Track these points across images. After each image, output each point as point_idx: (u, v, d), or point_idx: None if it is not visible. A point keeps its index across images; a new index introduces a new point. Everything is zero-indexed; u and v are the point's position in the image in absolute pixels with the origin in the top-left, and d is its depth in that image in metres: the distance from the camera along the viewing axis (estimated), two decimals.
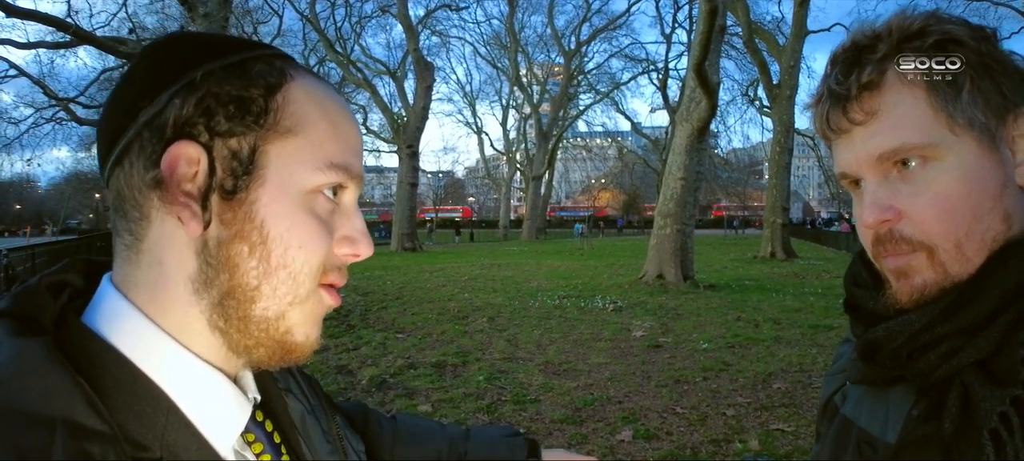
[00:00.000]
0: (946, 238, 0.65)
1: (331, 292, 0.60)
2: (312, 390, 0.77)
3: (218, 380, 0.56)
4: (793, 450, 4.27)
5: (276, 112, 0.56)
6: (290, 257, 0.55)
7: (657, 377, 6.13)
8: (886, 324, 0.69)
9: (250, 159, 0.55)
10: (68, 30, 13.94)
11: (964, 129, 0.65)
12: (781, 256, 22.04)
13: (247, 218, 0.54)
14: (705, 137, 13.93)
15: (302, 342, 0.58)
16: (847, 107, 0.69)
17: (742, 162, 65.50)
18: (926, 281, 0.67)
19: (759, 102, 37.31)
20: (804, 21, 23.32)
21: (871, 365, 0.73)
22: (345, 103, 0.63)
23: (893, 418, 0.73)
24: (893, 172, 0.68)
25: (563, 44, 43.78)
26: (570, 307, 10.65)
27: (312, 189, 0.57)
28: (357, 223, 0.61)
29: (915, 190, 0.66)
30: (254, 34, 31.03)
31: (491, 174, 60.60)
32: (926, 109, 0.65)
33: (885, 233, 0.69)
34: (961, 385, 0.64)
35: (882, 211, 0.67)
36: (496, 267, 19.12)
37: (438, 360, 6.83)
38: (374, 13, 34.97)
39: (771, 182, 23.91)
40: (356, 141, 0.62)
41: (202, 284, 0.54)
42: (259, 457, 0.60)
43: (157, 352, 0.53)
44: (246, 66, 0.56)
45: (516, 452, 0.97)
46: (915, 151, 0.65)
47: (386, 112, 29.74)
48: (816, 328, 8.56)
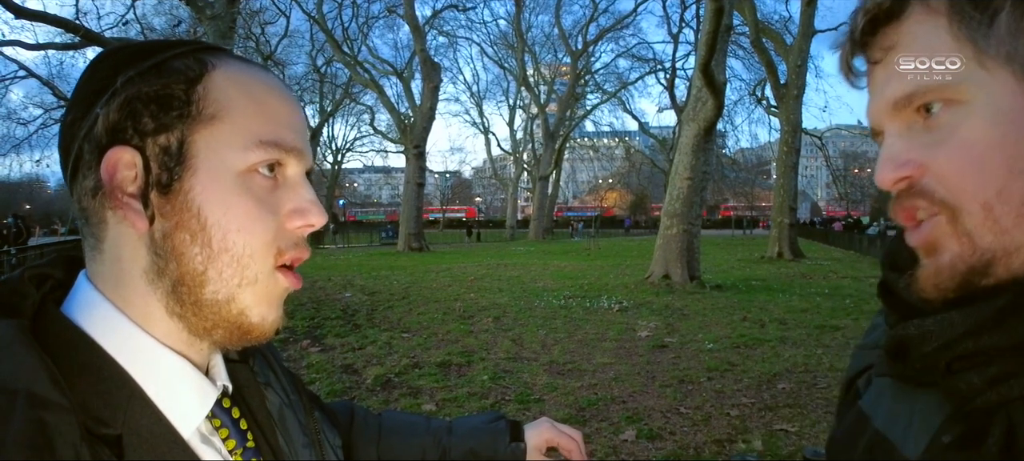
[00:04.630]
0: (973, 196, 0.52)
1: (289, 274, 0.62)
2: (292, 385, 0.79)
3: (182, 366, 0.60)
4: (796, 450, 4.25)
5: (198, 102, 0.58)
6: (231, 241, 0.58)
7: (661, 377, 6.13)
8: (920, 321, 0.56)
9: (179, 151, 0.57)
10: (78, 31, 14.01)
11: (998, 64, 0.51)
12: (788, 256, 21.94)
13: (185, 208, 0.57)
14: (712, 137, 13.88)
15: (258, 323, 0.61)
16: (865, 43, 0.58)
17: (750, 162, 65.28)
18: (953, 259, 0.54)
19: (766, 102, 37.11)
20: (811, 20, 23.20)
21: (899, 364, 0.62)
22: (275, 81, 0.64)
23: (917, 429, 0.60)
24: (917, 121, 0.55)
25: (570, 44, 43.71)
26: (576, 307, 10.64)
27: (244, 170, 0.59)
28: (304, 194, 0.63)
29: (938, 138, 0.53)
30: (261, 35, 31.20)
31: (498, 174, 60.63)
32: (948, 39, 0.52)
33: (904, 190, 0.56)
34: (1007, 418, 0.51)
35: (896, 167, 0.55)
36: (502, 267, 19.13)
37: (443, 360, 6.84)
38: (381, 14, 35.11)
39: (778, 182, 23.82)
40: (287, 115, 0.63)
41: (156, 275, 0.58)
42: (224, 442, 0.63)
43: (124, 338, 0.57)
44: (165, 65, 0.58)
45: (498, 437, 0.98)
46: (935, 93, 0.53)
47: (393, 112, 29.75)
48: (822, 329, 8.53)
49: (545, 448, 1.02)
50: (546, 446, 1.02)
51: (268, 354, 0.78)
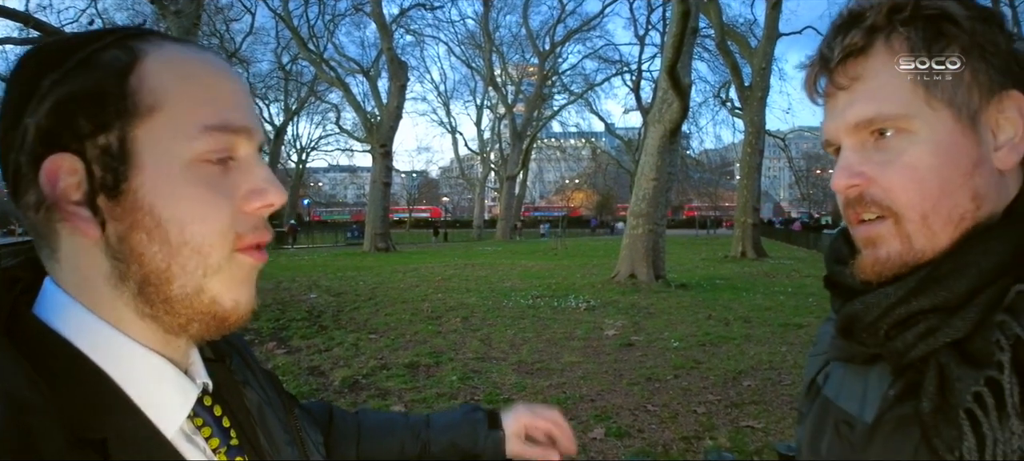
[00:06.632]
0: (912, 208, 0.66)
1: (253, 252, 0.60)
2: (270, 384, 0.78)
3: (162, 365, 0.58)
4: (764, 446, 4.33)
5: (133, 95, 0.55)
6: (189, 233, 0.55)
7: (629, 375, 6.18)
8: (863, 298, 0.70)
9: (122, 150, 0.54)
10: (42, 28, 13.55)
11: (942, 105, 0.65)
12: (752, 256, 22.29)
13: (136, 208, 0.54)
14: (677, 138, 14.06)
15: (232, 308, 0.59)
16: (833, 71, 0.69)
17: (713, 163, 66.15)
18: (891, 252, 0.68)
19: (731, 104, 37.72)
20: (776, 24, 23.62)
21: (850, 341, 0.74)
22: (212, 57, 0.61)
23: (871, 398, 0.73)
24: (870, 140, 0.68)
25: (538, 45, 43.89)
26: (544, 307, 10.67)
27: (192, 159, 0.56)
28: (260, 173, 0.60)
29: (887, 158, 0.67)
30: (226, 32, 30.70)
31: (465, 174, 60.54)
32: (906, 81, 0.65)
33: (855, 197, 0.69)
34: (937, 365, 0.64)
35: (851, 176, 0.68)
36: (470, 267, 19.08)
37: (411, 361, 6.80)
38: (348, 11, 34.79)
39: (742, 183, 24.18)
40: (229, 92, 0.60)
41: (118, 279, 0.55)
42: (207, 440, 0.62)
43: (100, 340, 0.55)
44: (93, 59, 0.55)
45: (477, 427, 0.98)
46: (891, 122, 0.66)
47: (359, 111, 29.47)
48: (786, 326, 8.68)
49: (524, 433, 1.01)
50: (525, 431, 1.01)
51: (245, 353, 0.76)
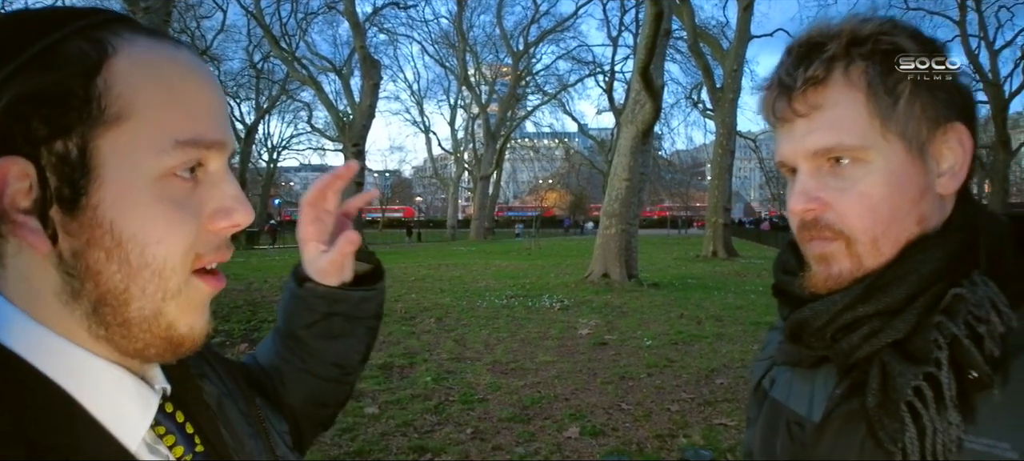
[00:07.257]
0: (865, 233, 0.70)
1: (209, 278, 0.57)
2: (228, 373, 0.74)
3: (120, 375, 0.54)
4: (736, 444, 4.38)
5: (99, 99, 0.49)
6: (151, 255, 0.51)
7: (603, 374, 6.21)
8: (812, 305, 0.74)
9: (82, 159, 0.49)
10: None
11: (895, 137, 0.69)
12: (723, 255, 22.54)
13: (95, 224, 0.50)
14: (649, 139, 14.17)
15: (187, 333, 0.56)
16: (792, 98, 0.72)
17: (685, 163, 66.83)
18: (842, 270, 0.72)
19: (702, 105, 38.23)
20: (748, 26, 23.93)
21: (798, 345, 0.78)
22: (188, 57, 0.56)
23: (818, 398, 0.78)
24: (826, 166, 0.72)
25: (512, 45, 43.88)
26: (518, 306, 10.69)
27: (160, 175, 0.51)
28: (228, 190, 0.56)
29: (843, 186, 0.70)
30: (197, 29, 30.20)
31: (439, 174, 60.39)
32: (863, 113, 0.69)
33: (811, 220, 0.73)
34: (880, 363, 0.68)
35: (808, 200, 0.72)
36: (444, 267, 19.04)
37: (385, 362, 6.76)
38: (320, 9, 34.53)
39: (713, 183, 24.45)
40: (206, 102, 0.55)
41: (70, 296, 0.51)
42: (171, 449, 0.58)
43: (53, 353, 0.51)
44: (57, 51, 0.49)
45: (287, 293, 0.88)
46: (848, 152, 0.70)
47: (332, 110, 29.20)
48: (757, 325, 8.80)
49: (316, 238, 0.84)
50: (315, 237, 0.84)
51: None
